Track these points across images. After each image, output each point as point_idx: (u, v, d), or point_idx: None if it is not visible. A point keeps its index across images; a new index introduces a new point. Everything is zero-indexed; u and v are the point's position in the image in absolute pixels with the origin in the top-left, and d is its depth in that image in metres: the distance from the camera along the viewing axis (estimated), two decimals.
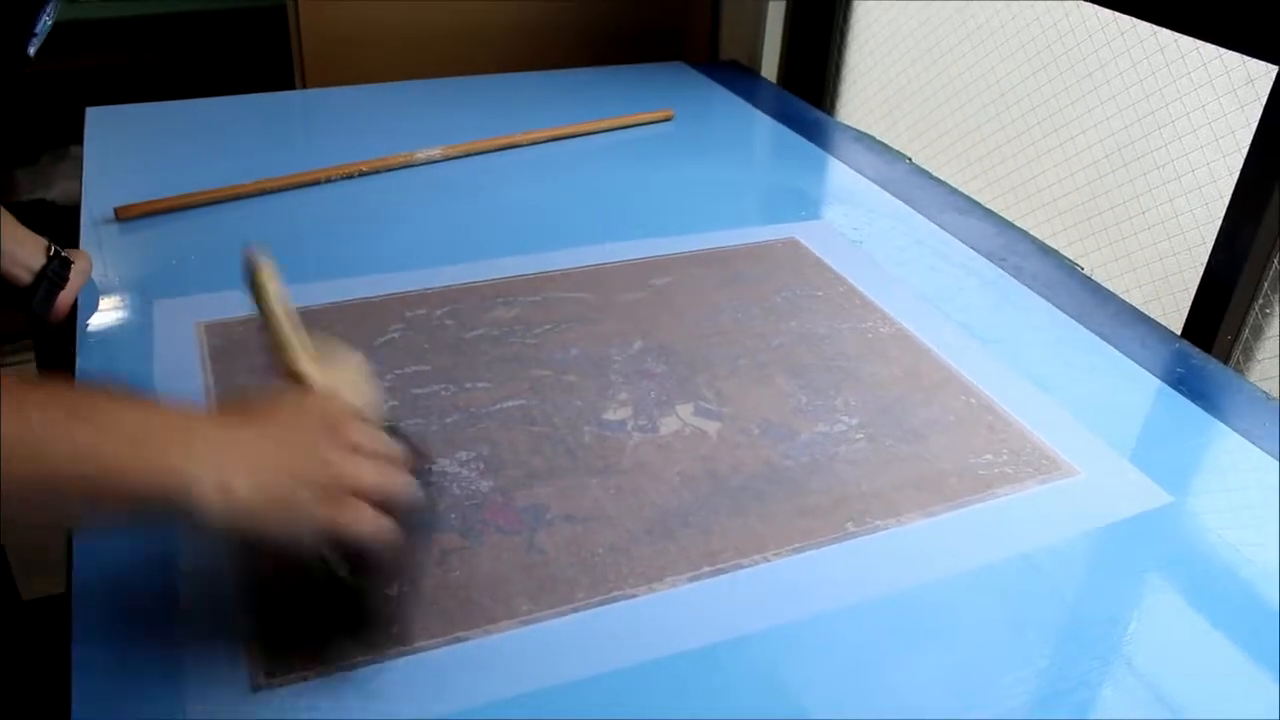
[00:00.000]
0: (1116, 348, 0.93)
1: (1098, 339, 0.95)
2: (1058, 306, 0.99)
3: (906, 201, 1.19)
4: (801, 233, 1.11)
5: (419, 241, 1.06)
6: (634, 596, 0.64)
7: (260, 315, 0.61)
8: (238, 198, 1.11)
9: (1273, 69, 0.95)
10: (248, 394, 0.58)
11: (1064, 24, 1.19)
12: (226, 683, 0.57)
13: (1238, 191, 0.98)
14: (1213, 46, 1.01)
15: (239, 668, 0.58)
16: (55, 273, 0.90)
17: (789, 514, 0.71)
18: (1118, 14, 1.09)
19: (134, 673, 0.57)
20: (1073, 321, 0.97)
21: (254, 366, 0.84)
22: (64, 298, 0.90)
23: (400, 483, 0.55)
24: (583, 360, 0.86)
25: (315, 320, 0.90)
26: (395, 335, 0.88)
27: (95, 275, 0.95)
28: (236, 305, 0.92)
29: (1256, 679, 0.62)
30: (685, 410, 0.81)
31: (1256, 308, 1.00)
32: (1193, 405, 0.87)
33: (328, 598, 0.56)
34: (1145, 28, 1.09)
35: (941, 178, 1.27)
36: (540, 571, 0.65)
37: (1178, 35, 1.05)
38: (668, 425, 0.79)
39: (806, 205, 1.19)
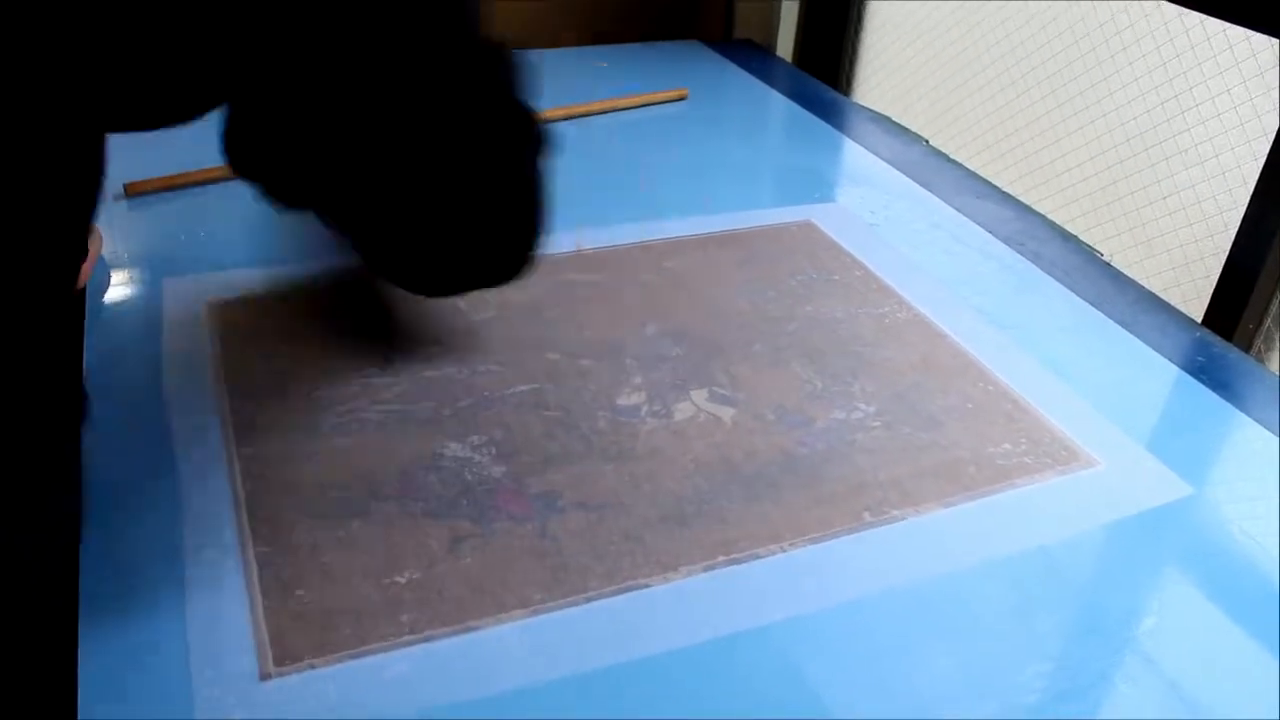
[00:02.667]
0: (1136, 335, 0.92)
1: (1117, 326, 0.93)
2: (1077, 293, 0.98)
3: (924, 185, 1.18)
4: (817, 215, 1.09)
5: None
6: (648, 586, 0.63)
7: None
8: None
9: None
10: None
11: (1086, 4, 1.17)
12: (235, 670, 0.56)
13: (1263, 177, 0.96)
14: (1240, 29, 1.00)
15: (248, 655, 0.57)
16: None
17: (805, 503, 0.70)
18: None
19: (141, 658, 0.57)
20: (1092, 308, 0.96)
21: (262, 347, 0.83)
22: None
23: None
24: (596, 344, 0.85)
25: (325, 300, 0.89)
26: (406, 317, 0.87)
27: (104, 252, 0.94)
28: (246, 283, 0.92)
29: (1278, 674, 0.61)
30: (700, 396, 0.80)
31: (1279, 295, 0.99)
32: (1214, 395, 0.85)
33: None
34: (1170, 9, 1.07)
35: (959, 160, 1.26)
36: (553, 560, 0.64)
37: (1204, 17, 1.03)
38: (682, 411, 0.78)
39: (822, 187, 1.18)
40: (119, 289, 0.91)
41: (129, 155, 1.13)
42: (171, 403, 0.76)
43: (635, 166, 1.21)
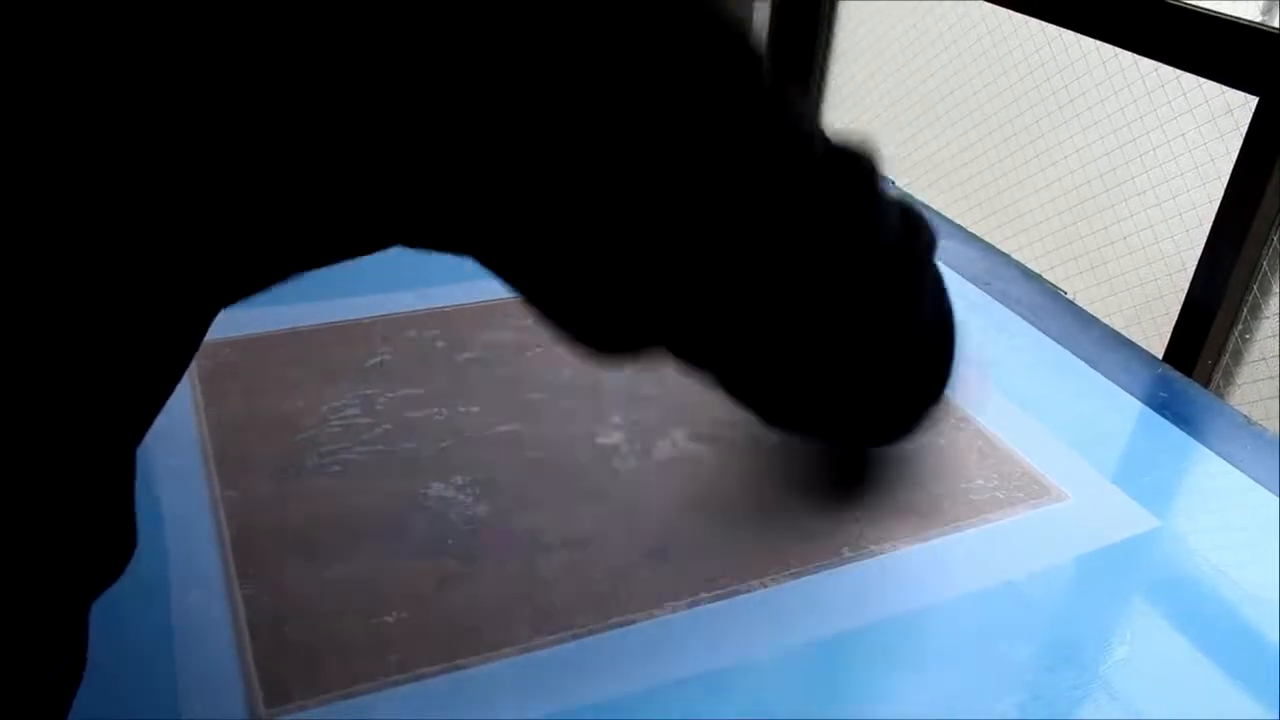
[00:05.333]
0: (1101, 372, 0.94)
1: (1082, 364, 0.96)
2: (1043, 331, 1.00)
3: None
4: None
5: (408, 262, 1.05)
6: (634, 623, 0.64)
7: None
8: None
9: (1252, 99, 0.97)
10: None
11: (1046, 51, 1.21)
12: (226, 712, 0.56)
13: (1219, 219, 1.00)
14: (1193, 76, 1.03)
15: (238, 697, 0.57)
16: None
17: (786, 539, 0.71)
18: (1100, 43, 1.11)
19: (130, 702, 0.57)
20: (1058, 346, 0.98)
21: (245, 389, 0.83)
22: None
23: None
24: (576, 383, 0.86)
25: (306, 341, 0.90)
26: (386, 357, 0.88)
27: None
28: (226, 327, 0.92)
29: (1245, 703, 0.63)
30: (679, 434, 0.81)
31: (1237, 333, 1.02)
32: (1176, 429, 0.88)
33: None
34: (1127, 56, 1.11)
35: (926, 202, 1.28)
36: (539, 598, 0.65)
37: (1158, 65, 1.07)
38: (662, 450, 0.79)
39: None
40: None
41: None
42: (154, 444, 0.76)
43: None
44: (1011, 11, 1.20)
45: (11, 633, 0.42)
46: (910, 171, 1.45)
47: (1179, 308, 1.05)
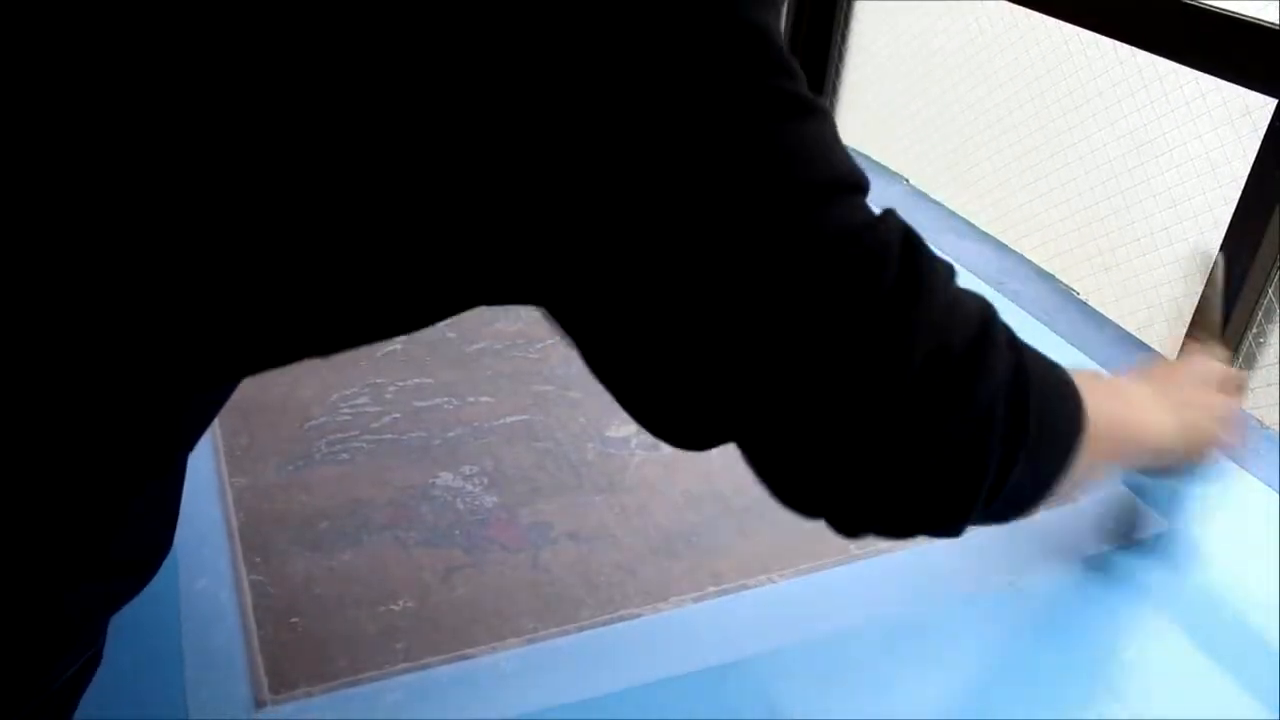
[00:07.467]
0: (1113, 373, 0.94)
1: (1095, 365, 0.95)
2: (1056, 332, 1.00)
3: None
4: None
5: None
6: (639, 616, 0.64)
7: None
8: None
9: (1270, 101, 0.96)
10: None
11: (1063, 50, 1.20)
12: (231, 698, 0.57)
13: (1234, 221, 0.99)
14: (1211, 77, 1.02)
15: (244, 683, 0.57)
16: None
17: (793, 536, 0.71)
18: (1117, 42, 1.10)
19: (136, 687, 0.57)
20: (1071, 348, 0.98)
21: (253, 376, 0.83)
22: None
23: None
24: (585, 376, 0.85)
25: None
26: (397, 347, 0.88)
27: None
28: None
29: (1252, 707, 0.63)
30: None
31: (1250, 336, 1.01)
32: None
33: None
34: (1144, 56, 1.10)
35: (938, 200, 1.28)
36: (545, 589, 0.65)
37: (1176, 65, 1.06)
38: None
39: None
40: None
41: None
42: None
43: None
44: (1028, 10, 1.19)
45: (51, 637, 0.43)
46: (924, 170, 1.44)
47: (1192, 310, 1.04)
